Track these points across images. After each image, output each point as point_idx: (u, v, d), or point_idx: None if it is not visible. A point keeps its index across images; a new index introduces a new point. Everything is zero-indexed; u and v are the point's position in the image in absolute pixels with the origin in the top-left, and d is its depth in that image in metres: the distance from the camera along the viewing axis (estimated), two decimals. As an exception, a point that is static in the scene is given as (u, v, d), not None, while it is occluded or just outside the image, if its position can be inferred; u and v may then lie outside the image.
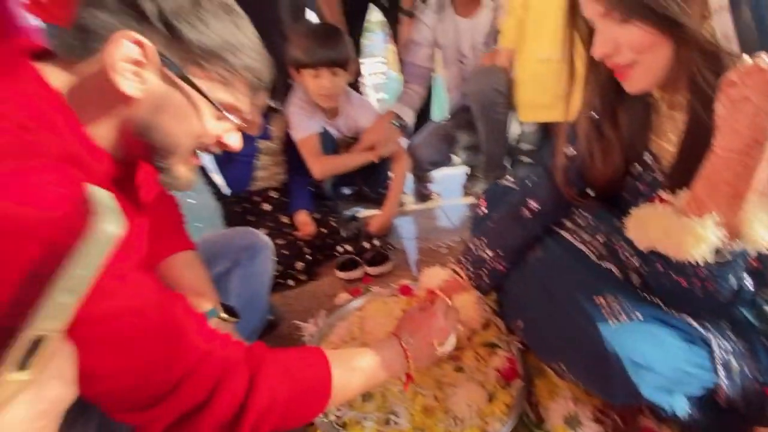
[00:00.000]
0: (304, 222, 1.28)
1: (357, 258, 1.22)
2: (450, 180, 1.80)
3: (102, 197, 0.20)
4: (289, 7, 1.51)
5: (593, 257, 0.74)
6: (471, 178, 1.70)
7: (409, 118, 1.46)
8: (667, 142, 0.67)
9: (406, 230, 1.51)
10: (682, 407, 0.60)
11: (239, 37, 0.51)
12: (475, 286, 0.83)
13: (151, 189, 0.69)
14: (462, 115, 1.49)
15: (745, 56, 0.48)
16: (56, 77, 0.45)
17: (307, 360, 0.55)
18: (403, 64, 1.56)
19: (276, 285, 1.20)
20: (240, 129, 0.55)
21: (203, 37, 0.48)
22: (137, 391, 0.41)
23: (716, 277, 0.55)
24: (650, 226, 0.58)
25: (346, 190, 1.78)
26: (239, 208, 1.33)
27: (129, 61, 0.45)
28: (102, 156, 0.48)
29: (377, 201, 1.42)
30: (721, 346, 0.59)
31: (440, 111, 1.89)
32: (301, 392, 0.52)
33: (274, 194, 1.37)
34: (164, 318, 0.43)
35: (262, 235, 0.94)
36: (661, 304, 0.63)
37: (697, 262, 0.54)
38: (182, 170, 0.55)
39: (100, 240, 0.20)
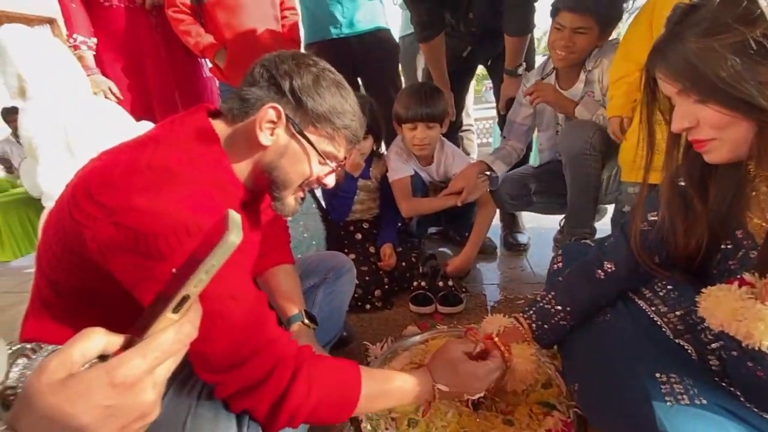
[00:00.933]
0: (388, 254, 1.41)
1: (430, 294, 1.29)
2: (541, 233, 1.76)
3: (234, 215, 0.30)
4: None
5: (668, 332, 0.70)
6: (562, 232, 1.64)
7: (501, 171, 1.52)
8: (763, 220, 0.62)
9: (488, 276, 1.52)
10: None
11: (344, 105, 0.68)
12: (535, 338, 0.83)
13: (268, 213, 0.89)
14: (549, 165, 1.49)
15: None
16: (220, 128, 0.66)
17: (343, 369, 0.64)
18: (504, 121, 1.63)
19: (354, 307, 1.34)
20: (346, 169, 0.69)
21: (318, 105, 0.65)
22: (219, 356, 0.55)
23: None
24: (721, 306, 0.55)
25: (432, 229, 1.88)
26: (337, 234, 1.53)
27: (269, 121, 0.64)
28: (238, 185, 0.67)
29: (461, 244, 1.48)
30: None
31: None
32: (332, 395, 0.61)
33: (366, 225, 1.53)
34: (251, 306, 0.58)
35: (348, 260, 1.09)
36: (739, 395, 0.57)
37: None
38: (291, 200, 0.73)
39: (228, 244, 0.29)
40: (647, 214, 0.75)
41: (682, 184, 0.69)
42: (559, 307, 0.81)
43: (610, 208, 1.61)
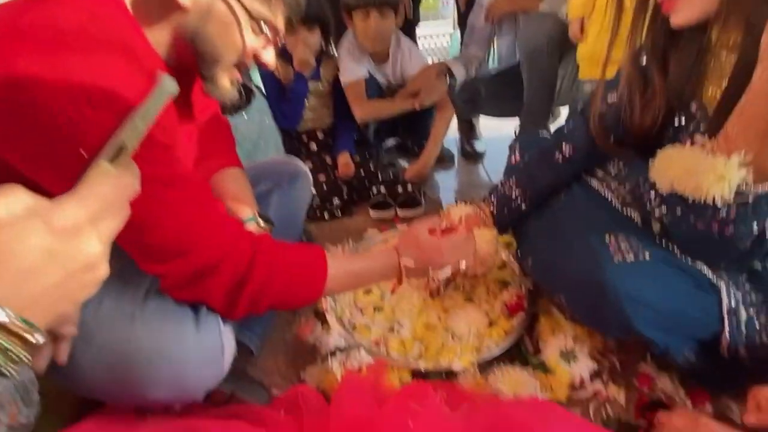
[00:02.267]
0: (345, 163, 1.35)
1: (390, 200, 1.28)
2: (498, 141, 1.76)
3: (165, 74, 0.28)
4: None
5: (617, 204, 0.73)
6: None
7: (461, 75, 1.44)
8: (719, 90, 0.63)
9: (445, 184, 1.53)
10: (678, 348, 0.60)
11: None
12: (495, 223, 0.85)
13: (206, 109, 0.78)
14: (504, 70, 1.44)
15: None
16: None
17: (307, 251, 0.62)
18: (464, 26, 1.52)
19: (313, 217, 1.31)
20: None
21: None
22: (163, 244, 0.51)
23: (735, 221, 0.53)
24: (673, 165, 0.57)
25: (390, 141, 1.82)
26: (291, 145, 1.43)
27: None
28: (156, 58, 0.56)
29: (419, 155, 1.44)
30: (731, 294, 0.57)
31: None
32: (297, 276, 0.59)
33: (320, 135, 1.44)
34: (193, 191, 0.53)
35: (302, 165, 1.03)
36: (677, 251, 0.62)
37: (716, 204, 0.53)
38: (224, 82, 0.63)
39: (163, 88, 0.27)
40: (607, 95, 0.74)
41: (644, 63, 0.68)
42: (518, 191, 0.83)
43: (564, 112, 1.62)
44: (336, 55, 1.41)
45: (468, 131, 1.74)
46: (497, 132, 1.83)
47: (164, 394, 0.54)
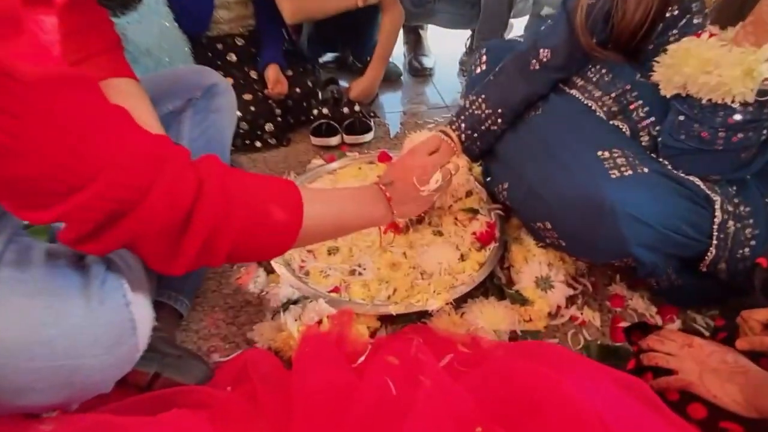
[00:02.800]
0: (276, 78, 1.11)
1: (334, 124, 1.09)
2: (446, 57, 1.59)
3: None
4: None
5: (601, 114, 0.64)
6: (470, 52, 1.50)
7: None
8: None
9: (393, 104, 1.36)
10: (662, 268, 0.57)
11: None
12: (465, 150, 0.74)
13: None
14: None
15: None
16: None
17: (275, 181, 0.47)
18: None
19: (241, 146, 1.09)
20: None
21: None
22: (53, 176, 0.33)
23: (748, 124, 0.46)
24: (689, 61, 0.47)
25: (327, 57, 1.57)
26: (202, 55, 1.13)
27: None
28: None
29: (362, 72, 1.23)
30: (725, 208, 0.53)
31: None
32: (265, 209, 0.43)
33: (240, 42, 1.16)
34: (89, 92, 0.33)
35: (220, 77, 0.80)
36: (667, 164, 0.56)
37: (731, 106, 0.46)
38: None
39: None
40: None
41: None
42: (490, 111, 0.71)
43: (518, 24, 1.49)
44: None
45: (415, 45, 1.54)
46: (443, 47, 1.66)
47: (48, 398, 0.38)
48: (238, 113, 1.04)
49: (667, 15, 0.61)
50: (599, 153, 0.56)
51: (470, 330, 0.60)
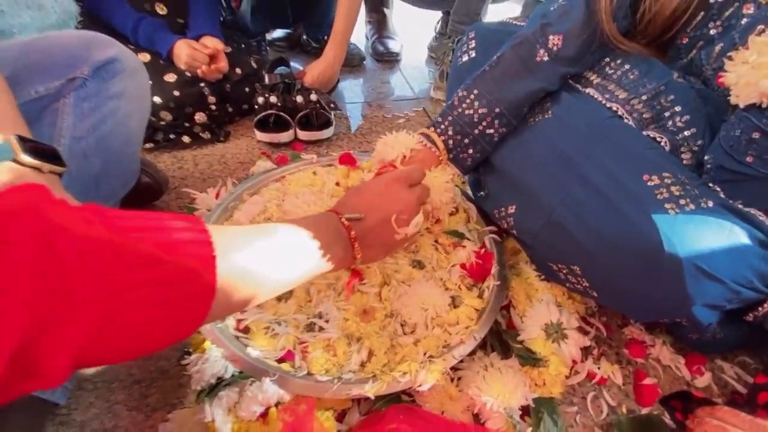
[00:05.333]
0: (212, 53, 0.87)
1: (285, 116, 0.89)
2: (412, 42, 1.42)
3: None
4: None
5: (631, 122, 0.51)
6: (440, 37, 1.34)
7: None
8: None
9: (355, 93, 1.17)
10: (715, 321, 0.45)
11: None
12: (453, 159, 0.59)
13: None
14: None
15: None
16: None
17: (165, 225, 0.28)
18: None
19: (162, 141, 0.85)
20: None
21: None
22: None
23: None
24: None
25: (277, 34, 1.34)
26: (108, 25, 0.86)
27: None
28: None
29: (319, 53, 1.02)
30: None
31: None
32: (156, 290, 0.26)
33: (162, 10, 0.90)
34: None
35: (127, 50, 0.57)
36: (719, 191, 0.44)
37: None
38: None
39: None
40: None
41: None
42: (485, 110, 0.57)
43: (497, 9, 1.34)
44: None
45: (379, 25, 1.36)
46: (411, 31, 1.49)
47: None
48: (156, 99, 0.80)
49: (711, 1, 0.49)
50: (646, 178, 0.42)
51: (471, 408, 0.45)
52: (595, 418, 0.49)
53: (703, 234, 0.38)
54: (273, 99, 0.88)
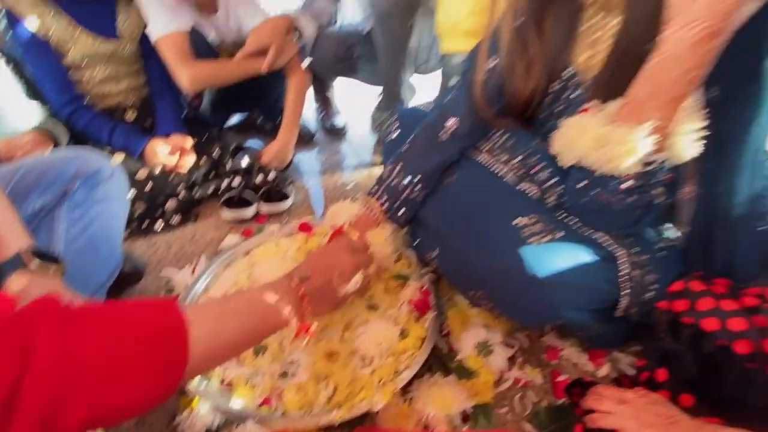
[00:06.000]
0: (179, 148, 1.01)
1: (247, 195, 1.02)
2: (356, 114, 1.63)
3: None
4: None
5: (511, 179, 0.68)
6: (380, 108, 1.55)
7: (310, 31, 1.22)
8: (594, 53, 0.61)
9: (310, 165, 1.33)
10: (589, 322, 0.60)
11: None
12: (390, 219, 0.73)
13: None
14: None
15: None
16: None
17: (144, 310, 0.38)
18: None
19: (137, 230, 0.95)
20: None
21: None
22: None
23: (637, 189, 0.51)
24: (582, 138, 0.52)
25: (234, 119, 1.50)
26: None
27: None
28: None
29: (274, 133, 1.19)
30: (628, 260, 0.58)
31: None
32: (131, 361, 0.34)
33: (132, 115, 1.04)
34: None
35: (103, 158, 0.69)
36: (575, 223, 0.60)
37: (622, 176, 0.51)
38: None
39: None
40: (488, 60, 0.67)
41: (520, 21, 0.62)
42: (409, 179, 0.72)
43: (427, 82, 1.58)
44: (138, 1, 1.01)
45: (325, 105, 1.56)
46: (355, 102, 1.70)
47: None
48: (130, 193, 0.92)
49: (552, 89, 0.68)
50: (517, 221, 0.58)
51: (422, 420, 0.56)
52: (522, 413, 0.60)
53: (553, 255, 0.53)
54: (236, 181, 1.02)
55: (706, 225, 0.58)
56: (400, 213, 0.73)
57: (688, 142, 0.49)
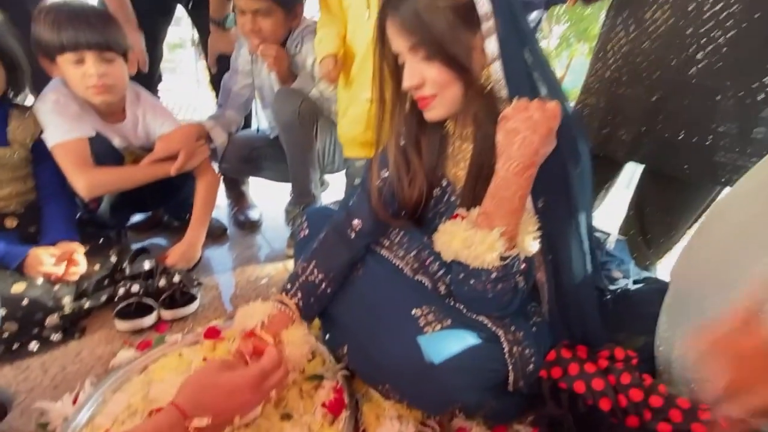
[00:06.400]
0: (66, 257, 0.93)
1: (147, 301, 0.95)
2: (271, 207, 1.68)
3: None
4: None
5: (408, 272, 0.77)
6: (292, 203, 1.62)
7: (220, 140, 1.30)
8: (459, 168, 0.76)
9: (221, 262, 1.30)
10: (485, 401, 0.65)
11: None
12: (304, 316, 0.75)
13: None
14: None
15: (516, 98, 0.58)
16: None
17: None
18: (215, 80, 1.39)
19: (5, 353, 0.82)
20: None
21: None
22: None
23: (502, 278, 0.62)
24: (453, 240, 0.63)
25: (137, 217, 1.44)
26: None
27: None
28: None
29: (181, 230, 1.17)
30: (508, 338, 0.67)
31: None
32: None
33: (12, 223, 0.95)
34: None
35: None
36: (462, 309, 0.69)
37: (488, 268, 0.61)
38: None
39: None
40: (381, 172, 0.79)
41: (403, 143, 0.76)
42: (322, 275, 0.77)
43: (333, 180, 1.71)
44: (34, 107, 0.99)
45: (238, 200, 1.59)
46: (269, 195, 1.76)
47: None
48: (1, 312, 0.81)
49: (434, 194, 0.82)
50: (413, 312, 0.65)
51: None
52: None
53: (445, 342, 0.60)
54: (135, 288, 0.95)
55: (561, 302, 0.72)
56: (313, 309, 0.75)
57: (530, 240, 0.63)
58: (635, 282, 0.89)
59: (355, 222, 0.80)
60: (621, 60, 0.96)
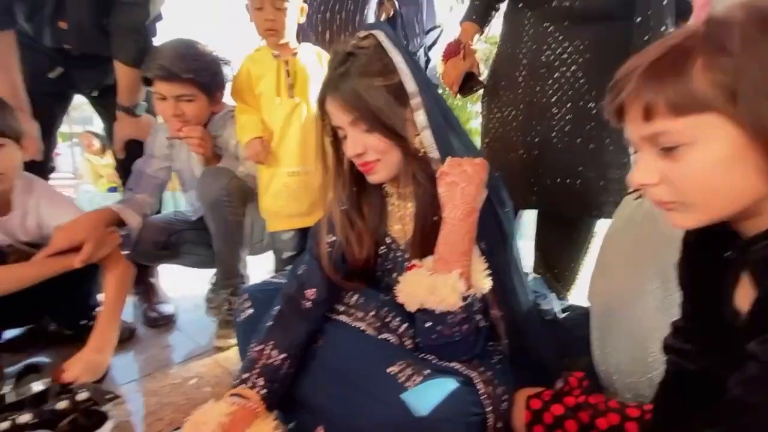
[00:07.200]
0: None
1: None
2: (188, 298, 1.51)
3: None
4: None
5: (371, 332, 0.76)
6: (215, 288, 1.48)
7: (135, 223, 1.18)
8: (401, 225, 0.82)
9: (131, 369, 1.09)
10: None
11: None
12: (269, 406, 0.67)
13: None
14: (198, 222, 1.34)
15: (448, 157, 0.69)
16: None
17: None
18: (123, 167, 1.30)
19: None
20: None
21: None
22: None
23: (466, 318, 0.66)
24: (419, 288, 0.66)
25: (9, 334, 1.15)
26: None
27: None
28: None
29: (78, 339, 0.96)
30: (482, 379, 0.69)
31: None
32: None
33: None
34: None
35: None
36: (432, 359, 0.70)
37: (452, 311, 0.65)
38: None
39: None
40: (327, 237, 0.81)
41: (345, 207, 0.80)
42: (284, 355, 0.72)
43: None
44: None
45: (149, 294, 1.39)
46: (185, 287, 1.58)
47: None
48: None
49: (381, 252, 0.85)
50: (389, 370, 0.64)
51: None
52: None
53: (429, 393, 0.60)
54: (24, 418, 0.74)
55: (516, 331, 0.77)
56: (278, 395, 0.68)
57: (482, 278, 0.69)
58: (563, 311, 1.01)
59: (309, 291, 0.78)
60: (501, 131, 1.19)
